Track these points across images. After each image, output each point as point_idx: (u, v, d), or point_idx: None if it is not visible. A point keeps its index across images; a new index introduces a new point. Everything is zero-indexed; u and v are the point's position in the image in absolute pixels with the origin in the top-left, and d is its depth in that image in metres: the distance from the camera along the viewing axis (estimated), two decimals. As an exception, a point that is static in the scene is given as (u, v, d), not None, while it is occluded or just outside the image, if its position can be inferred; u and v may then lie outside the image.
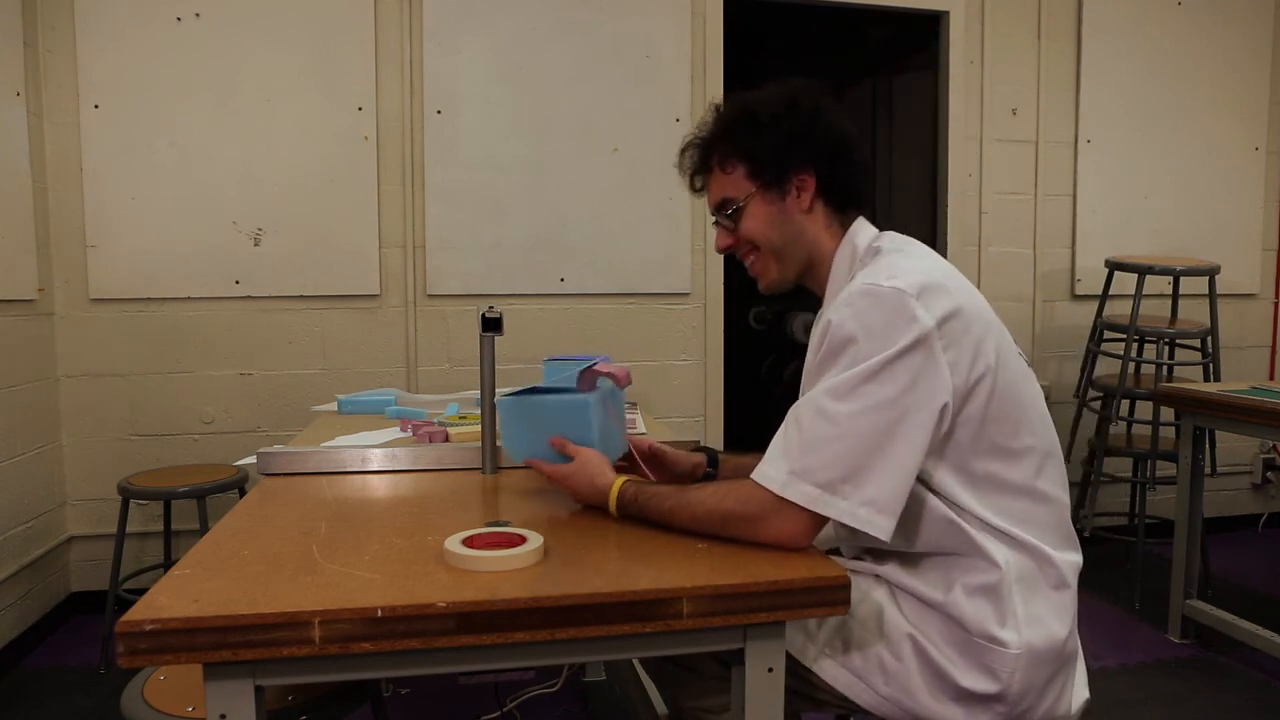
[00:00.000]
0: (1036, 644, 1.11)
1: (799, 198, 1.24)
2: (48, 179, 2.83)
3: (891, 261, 1.15)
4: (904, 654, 1.15)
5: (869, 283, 1.09)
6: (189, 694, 1.32)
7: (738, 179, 1.26)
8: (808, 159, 1.23)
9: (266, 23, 2.92)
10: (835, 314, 1.09)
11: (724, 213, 1.28)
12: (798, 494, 1.04)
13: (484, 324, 1.51)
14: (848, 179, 1.26)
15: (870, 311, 1.07)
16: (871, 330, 1.06)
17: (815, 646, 1.19)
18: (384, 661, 0.92)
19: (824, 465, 1.04)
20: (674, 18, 3.21)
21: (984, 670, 1.11)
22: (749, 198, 1.25)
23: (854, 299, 1.09)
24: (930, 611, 1.15)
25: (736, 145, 1.25)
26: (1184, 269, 3.24)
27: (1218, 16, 3.71)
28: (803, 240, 1.26)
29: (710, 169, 1.29)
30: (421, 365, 3.11)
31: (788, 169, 1.23)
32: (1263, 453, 3.93)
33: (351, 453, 1.56)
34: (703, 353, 3.34)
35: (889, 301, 1.06)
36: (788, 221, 1.25)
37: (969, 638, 1.12)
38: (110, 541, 2.72)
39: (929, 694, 1.13)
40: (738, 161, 1.25)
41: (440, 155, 3.06)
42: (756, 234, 1.26)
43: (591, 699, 2.39)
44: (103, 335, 2.90)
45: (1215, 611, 2.60)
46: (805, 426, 1.06)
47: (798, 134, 1.22)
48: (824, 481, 1.04)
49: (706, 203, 1.33)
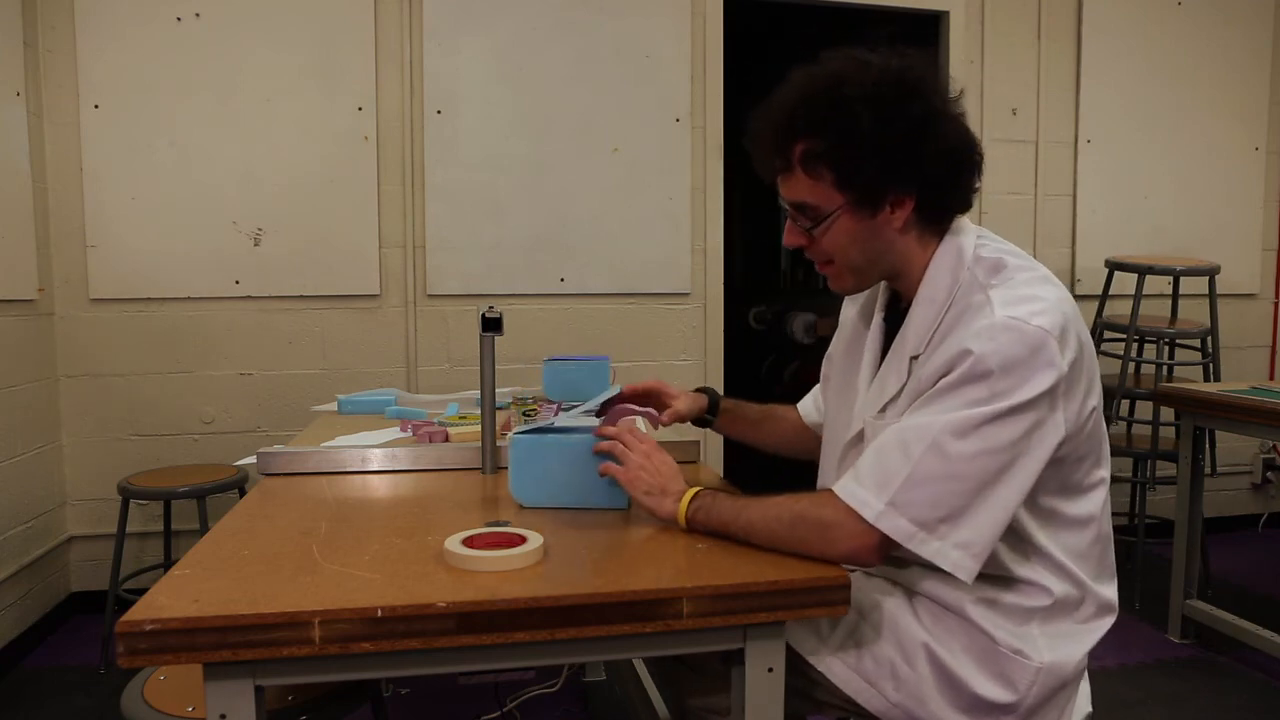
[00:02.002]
0: (1059, 662, 1.10)
1: (892, 215, 1.09)
2: (48, 179, 2.83)
3: (1029, 287, 1.05)
4: (917, 661, 1.12)
5: (1014, 317, 1.00)
6: (189, 694, 1.32)
7: (824, 188, 1.08)
8: (911, 181, 1.07)
9: (266, 23, 2.92)
10: (977, 345, 1.00)
11: (802, 214, 1.11)
12: (891, 527, 1.00)
13: (484, 324, 1.50)
14: (954, 196, 1.11)
15: (1014, 349, 0.99)
16: (1010, 370, 0.99)
17: (827, 649, 1.17)
18: (384, 661, 0.92)
19: (927, 503, 0.99)
20: (674, 18, 3.21)
21: (1001, 680, 1.10)
22: (836, 211, 1.08)
23: (998, 333, 0.99)
24: (950, 619, 1.13)
25: (828, 150, 1.06)
26: (1184, 269, 3.24)
27: (1218, 16, 3.71)
28: (889, 256, 1.13)
29: (789, 165, 1.09)
30: (421, 365, 3.11)
31: (885, 189, 1.07)
32: (1263, 453, 3.93)
33: (351, 453, 1.56)
34: (703, 353, 3.34)
35: (1033, 342, 0.99)
36: (876, 238, 1.10)
37: (993, 647, 1.10)
38: (110, 541, 2.72)
39: (939, 703, 1.11)
40: (826, 169, 1.07)
41: (440, 155, 3.06)
42: (836, 250, 1.12)
43: (591, 699, 2.39)
44: (103, 335, 2.90)
45: (1215, 611, 2.60)
46: (915, 459, 1.00)
47: (903, 150, 1.04)
48: (922, 520, 1.00)
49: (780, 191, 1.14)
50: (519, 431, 1.29)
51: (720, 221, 3.32)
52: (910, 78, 1.06)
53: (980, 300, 1.05)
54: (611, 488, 1.24)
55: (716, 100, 3.27)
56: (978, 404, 0.99)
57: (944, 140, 1.06)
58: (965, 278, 1.09)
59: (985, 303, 1.04)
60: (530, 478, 1.28)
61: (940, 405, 1.02)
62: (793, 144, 1.08)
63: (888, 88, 1.04)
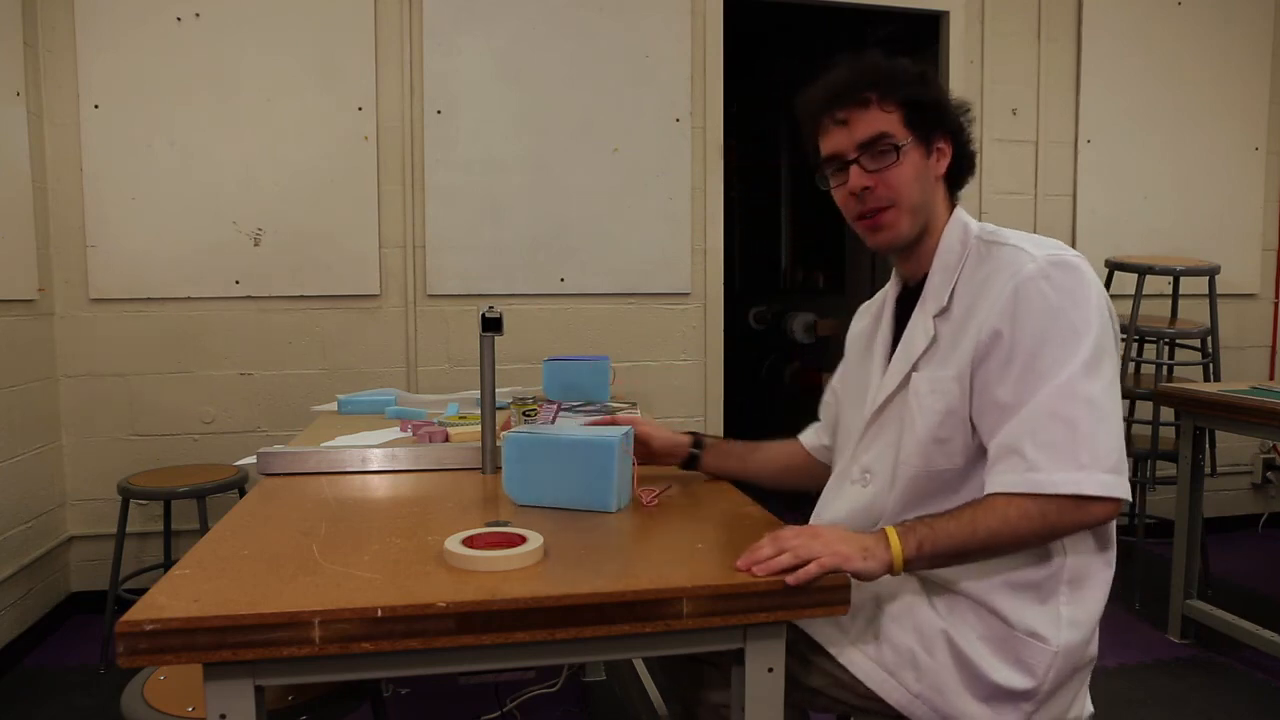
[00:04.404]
0: (1074, 644, 1.12)
1: (937, 163, 1.23)
2: (48, 179, 2.83)
3: (1033, 236, 1.19)
4: (936, 649, 1.13)
5: (1053, 254, 1.12)
6: (189, 694, 1.32)
7: (895, 121, 1.20)
8: (949, 129, 1.24)
9: (266, 23, 2.92)
10: (1037, 291, 1.09)
11: (874, 150, 1.19)
12: (1096, 485, 1.04)
13: (484, 324, 1.51)
14: (970, 157, 1.28)
15: (1069, 281, 1.09)
16: (1077, 300, 1.09)
17: (848, 639, 1.18)
18: (384, 661, 0.92)
19: (1107, 450, 1.05)
20: (674, 18, 3.21)
21: (1019, 666, 1.11)
22: (908, 143, 1.20)
23: (1050, 271, 1.10)
24: (966, 605, 1.14)
25: (900, 89, 1.20)
26: (1184, 269, 3.24)
27: (1218, 16, 3.71)
28: (930, 206, 1.24)
29: (868, 102, 1.20)
30: (421, 365, 3.11)
31: (937, 131, 1.22)
32: (1263, 453, 3.93)
33: (351, 453, 1.56)
34: (703, 353, 3.34)
35: (1081, 271, 1.11)
36: (928, 181, 1.23)
37: (1010, 633, 1.11)
38: (110, 541, 2.72)
39: (959, 692, 1.12)
40: (898, 106, 1.20)
41: (440, 155, 3.06)
42: (905, 184, 1.20)
43: (591, 699, 2.39)
44: (103, 335, 2.90)
45: (1215, 611, 2.60)
46: (1074, 418, 1.05)
47: (945, 103, 1.23)
48: (1111, 466, 1.05)
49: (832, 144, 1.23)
50: (515, 431, 1.32)
51: (720, 221, 3.32)
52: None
53: (1009, 253, 1.15)
54: (602, 490, 1.26)
55: (716, 100, 3.27)
56: (1079, 341, 1.07)
57: (959, 105, 1.26)
58: (973, 244, 1.22)
59: (1016, 251, 1.15)
60: (524, 476, 1.30)
61: (1051, 358, 1.07)
62: (872, 87, 1.20)
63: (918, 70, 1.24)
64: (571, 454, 1.27)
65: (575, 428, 1.37)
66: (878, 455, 1.25)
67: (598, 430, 1.33)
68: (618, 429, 1.33)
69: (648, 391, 3.27)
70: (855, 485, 1.28)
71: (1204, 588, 2.99)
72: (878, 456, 1.25)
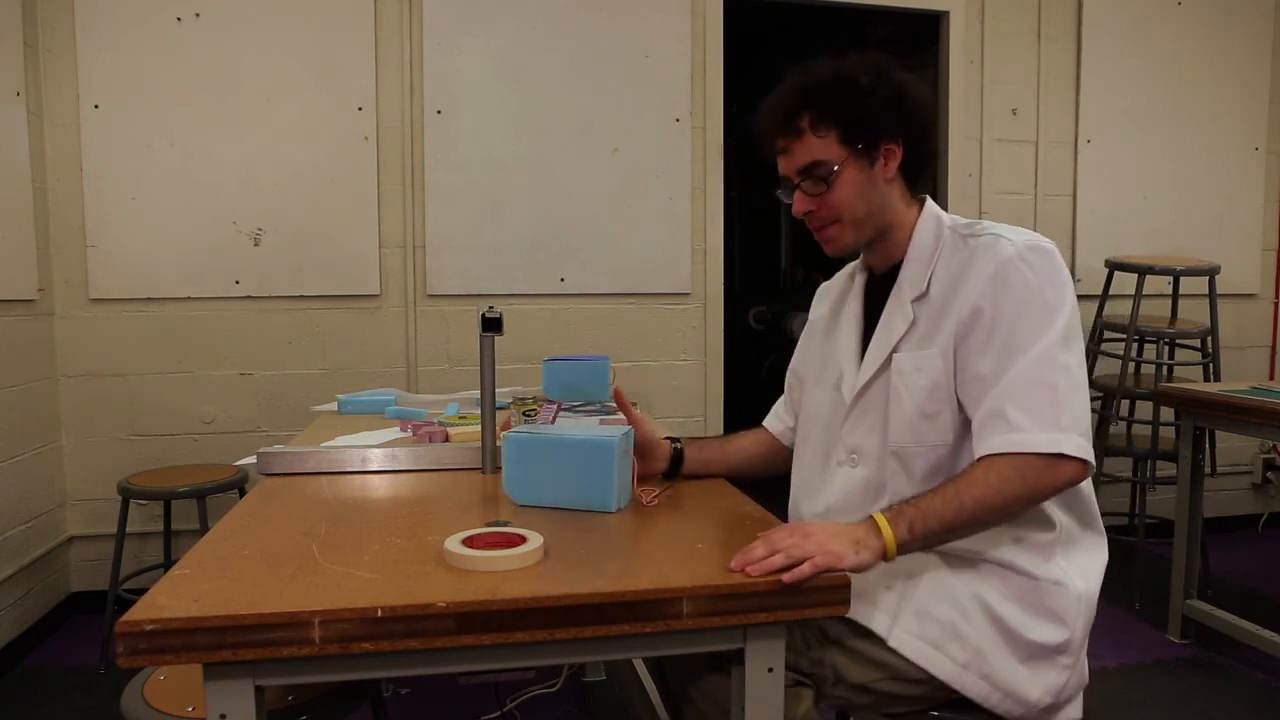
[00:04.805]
0: (1090, 590, 1.20)
1: (885, 166, 1.25)
2: (48, 179, 2.83)
3: (1010, 228, 1.24)
4: (973, 616, 1.18)
5: (1030, 240, 1.19)
6: (189, 694, 1.32)
7: (829, 144, 1.24)
8: (898, 128, 1.24)
9: (266, 23, 2.92)
10: (1016, 272, 1.16)
11: (811, 176, 1.25)
12: (1073, 446, 1.10)
13: (484, 324, 1.51)
14: (928, 151, 1.29)
15: (1045, 261, 1.17)
16: (1052, 279, 1.16)
17: (893, 621, 1.20)
18: (384, 661, 0.92)
19: (1081, 413, 1.13)
20: (674, 18, 3.21)
21: (1052, 618, 1.17)
22: (842, 164, 1.23)
23: (1027, 254, 1.17)
24: (990, 569, 1.19)
25: (832, 109, 1.23)
26: (1184, 269, 3.24)
27: (1218, 16, 3.71)
28: (883, 210, 1.27)
29: (799, 131, 1.25)
30: (421, 365, 3.11)
31: (880, 137, 1.24)
32: (1263, 453, 3.93)
33: (351, 453, 1.56)
34: (703, 353, 3.34)
35: (1055, 256, 1.19)
36: (873, 189, 1.26)
37: (1035, 584, 1.18)
38: (110, 541, 2.72)
39: (1001, 655, 1.17)
40: (831, 126, 1.23)
41: (440, 155, 3.06)
42: (845, 202, 1.25)
43: (591, 699, 2.39)
44: (103, 335, 2.90)
45: (1215, 611, 2.60)
46: (1054, 384, 1.12)
47: (891, 102, 1.23)
48: (1083, 430, 1.12)
49: (780, 167, 1.29)
50: (515, 431, 1.32)
51: (720, 221, 3.32)
52: (885, 56, 1.27)
53: (987, 240, 1.22)
54: (602, 490, 1.26)
55: (716, 100, 3.27)
56: (1054, 316, 1.14)
57: (918, 101, 1.26)
58: (947, 235, 1.28)
59: (995, 238, 1.21)
60: (524, 476, 1.31)
61: (1028, 332, 1.14)
62: (803, 113, 1.25)
63: (874, 59, 1.25)
64: (571, 454, 1.27)
65: (575, 428, 1.37)
66: (864, 436, 1.29)
67: (597, 430, 1.33)
68: (617, 429, 1.33)
69: (648, 391, 3.27)
70: (844, 467, 1.31)
71: (1204, 588, 2.99)
72: (864, 437, 1.29)
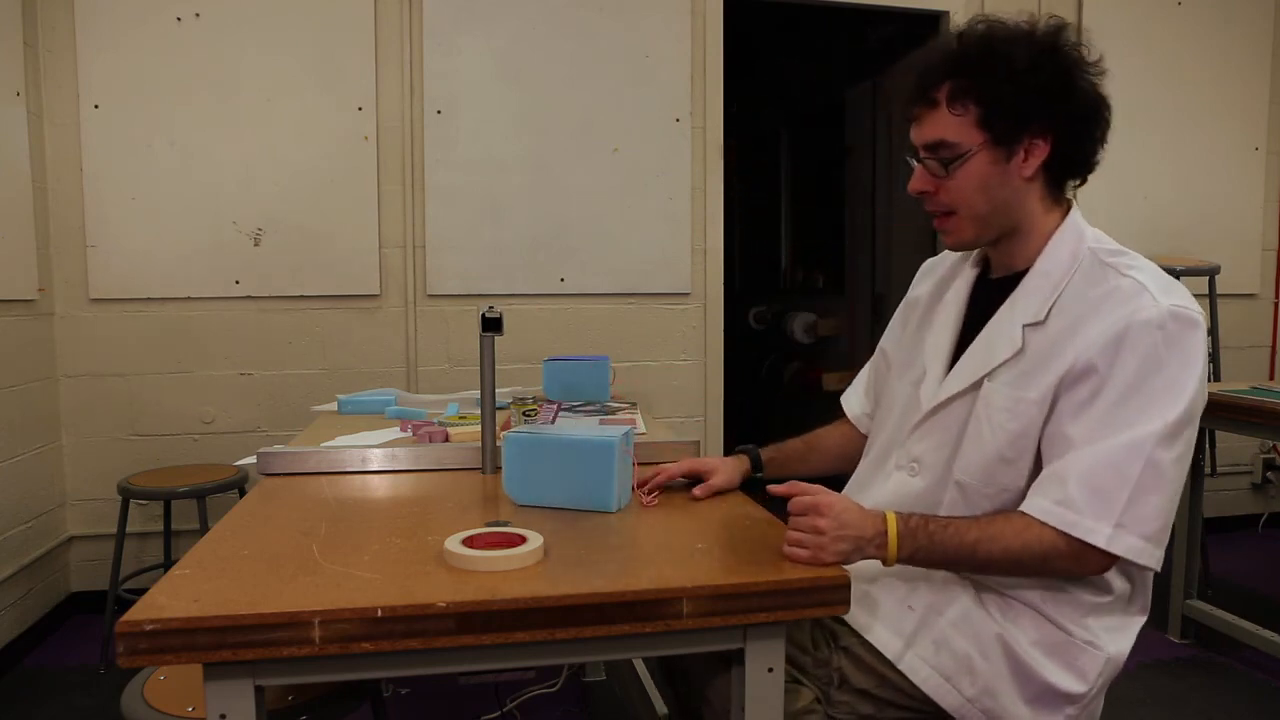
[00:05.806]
0: (1120, 653, 1.15)
1: (1025, 162, 1.12)
2: (48, 179, 2.83)
3: (1159, 273, 1.10)
4: (992, 654, 1.13)
5: (1177, 304, 1.04)
6: (189, 694, 1.32)
7: (965, 124, 1.11)
8: (1050, 123, 1.10)
9: (266, 23, 2.92)
10: (1147, 339, 1.03)
11: (936, 155, 1.13)
12: (1123, 547, 1.02)
13: (484, 324, 1.51)
14: (1083, 153, 1.15)
15: (1185, 338, 1.04)
16: (1187, 363, 1.03)
17: (911, 650, 1.17)
18: (384, 661, 0.92)
19: (1152, 517, 1.02)
20: (674, 18, 3.21)
21: (1074, 670, 1.12)
22: (973, 150, 1.11)
23: (1167, 322, 1.03)
24: (1023, 611, 1.14)
25: (977, 85, 1.09)
26: (1184, 269, 3.23)
27: (1218, 16, 3.71)
28: (1013, 209, 1.15)
29: (933, 102, 1.12)
30: (421, 365, 3.11)
31: (1026, 127, 1.10)
32: (1263, 453, 3.93)
33: (351, 453, 1.56)
34: (703, 353, 3.34)
35: (1198, 330, 1.05)
36: (1004, 185, 1.13)
37: (1067, 639, 1.12)
38: (110, 541, 2.72)
39: (1010, 695, 1.13)
40: (971, 104, 1.10)
41: (440, 155, 3.06)
42: (965, 195, 1.13)
43: (591, 699, 2.39)
44: (103, 335, 2.90)
45: (1215, 611, 2.60)
46: (1134, 478, 1.01)
47: (1049, 91, 1.08)
48: (1149, 534, 1.02)
49: (911, 134, 1.16)
50: (515, 431, 1.32)
51: (720, 221, 3.32)
52: (1059, 31, 1.11)
53: (1129, 286, 1.07)
54: (602, 490, 1.26)
55: (716, 100, 3.27)
56: (1171, 403, 1.02)
57: (1084, 94, 1.11)
58: (1085, 256, 1.13)
59: (1139, 288, 1.06)
60: (524, 476, 1.30)
61: (1136, 410, 1.03)
62: (941, 81, 1.12)
63: (1040, 35, 1.10)
64: (571, 454, 1.27)
65: (575, 428, 1.37)
66: (931, 450, 1.21)
67: (597, 430, 1.33)
68: (617, 429, 1.33)
69: (648, 391, 3.27)
70: (902, 472, 1.25)
71: (1204, 588, 2.99)
72: (931, 451, 1.21)
